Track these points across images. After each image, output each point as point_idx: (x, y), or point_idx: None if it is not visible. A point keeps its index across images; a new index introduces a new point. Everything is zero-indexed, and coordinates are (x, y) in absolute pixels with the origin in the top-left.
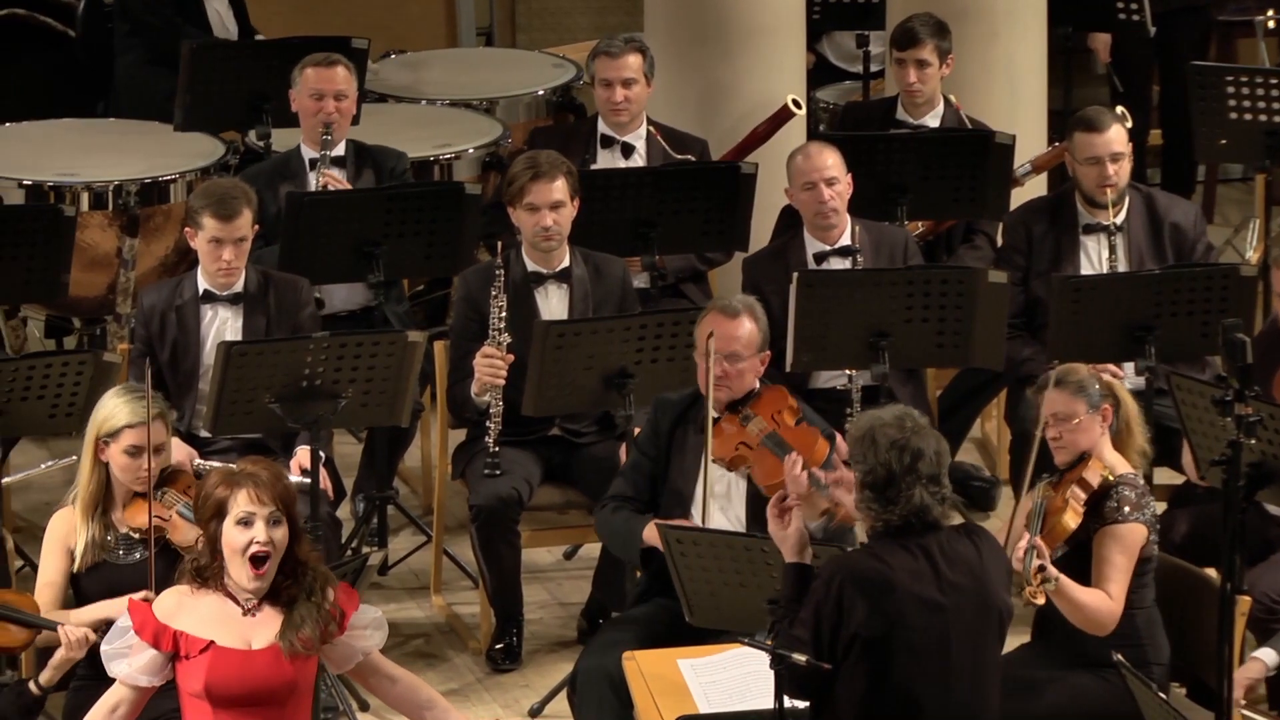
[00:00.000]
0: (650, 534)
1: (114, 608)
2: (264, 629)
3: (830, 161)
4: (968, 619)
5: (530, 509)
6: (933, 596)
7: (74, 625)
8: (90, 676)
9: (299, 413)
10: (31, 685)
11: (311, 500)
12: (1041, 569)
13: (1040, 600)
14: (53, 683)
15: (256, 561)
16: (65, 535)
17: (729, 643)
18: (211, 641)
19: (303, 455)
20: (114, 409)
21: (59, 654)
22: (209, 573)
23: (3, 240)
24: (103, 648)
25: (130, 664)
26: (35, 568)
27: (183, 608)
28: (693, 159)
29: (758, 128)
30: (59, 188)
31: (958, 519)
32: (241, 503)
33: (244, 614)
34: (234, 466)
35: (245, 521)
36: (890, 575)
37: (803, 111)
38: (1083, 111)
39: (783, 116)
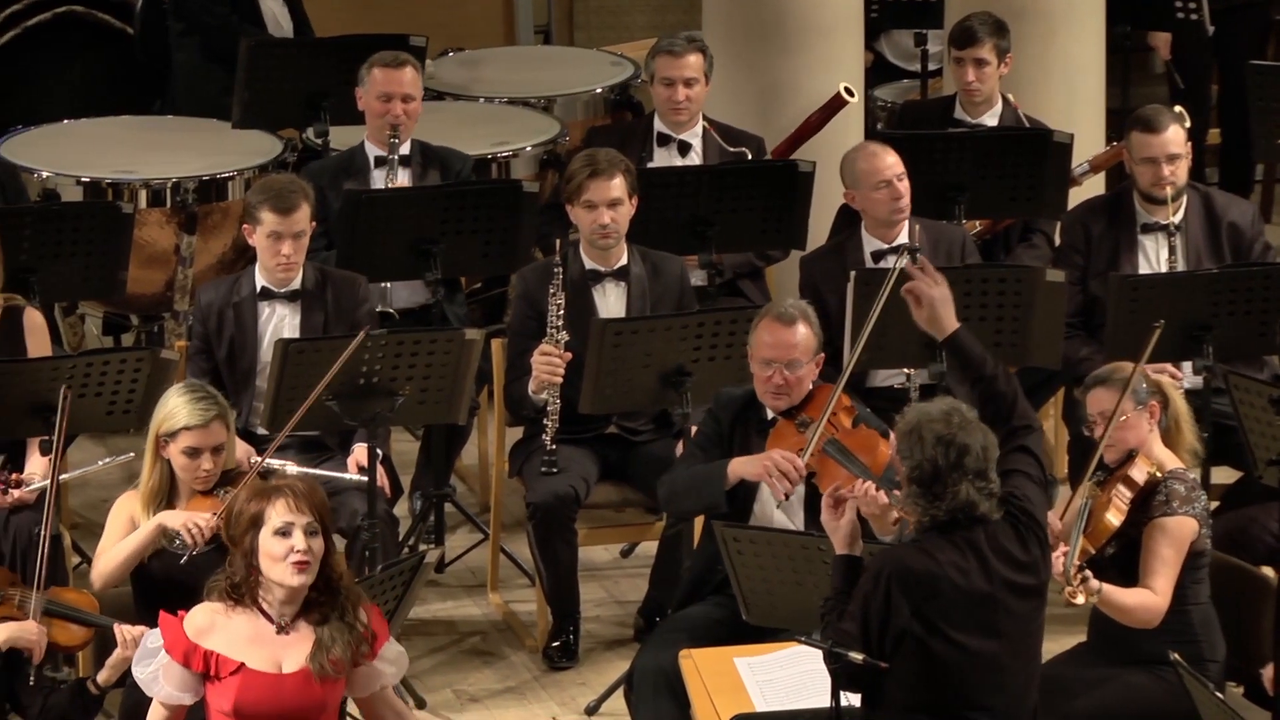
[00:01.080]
0: (737, 466)
1: (172, 518)
2: (295, 650)
3: (892, 159)
4: (1016, 612)
5: (587, 507)
6: (981, 590)
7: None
8: None
9: (356, 410)
10: (90, 684)
11: (369, 497)
12: (1085, 580)
13: (1079, 600)
14: (110, 681)
15: (298, 563)
16: (131, 511)
17: (786, 641)
18: (242, 664)
19: (360, 453)
20: (175, 408)
21: (116, 653)
22: (243, 589)
23: (61, 237)
24: (134, 670)
25: (166, 684)
26: (92, 564)
27: (215, 627)
28: (746, 152)
29: (811, 117)
30: (117, 185)
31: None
32: (280, 512)
33: (278, 632)
34: (266, 477)
35: (284, 532)
36: (938, 571)
37: (855, 99)
38: (1140, 110)
39: (836, 105)
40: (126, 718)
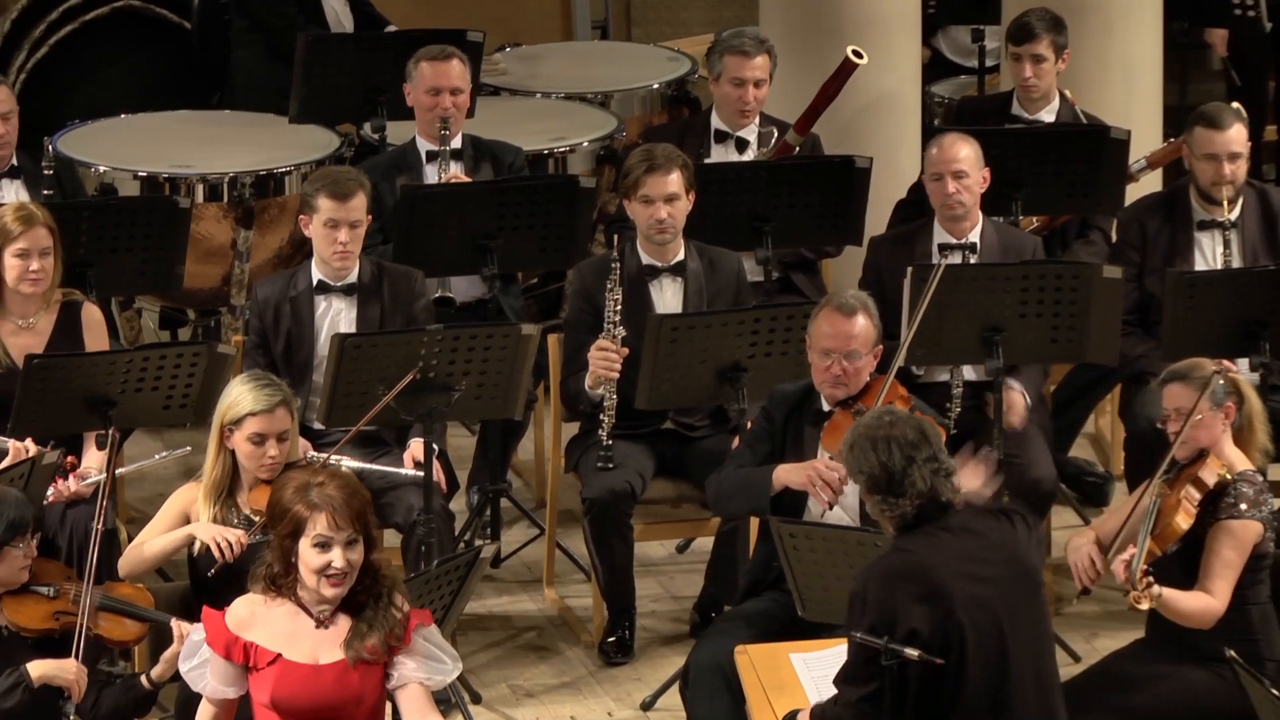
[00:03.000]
0: (782, 474)
1: (202, 530)
2: (333, 643)
3: (962, 154)
4: (1012, 588)
5: (643, 502)
6: (972, 571)
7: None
8: None
9: (413, 405)
10: (143, 679)
11: (425, 493)
12: (1149, 585)
13: (1143, 606)
14: (165, 677)
15: (333, 578)
16: (186, 505)
17: (841, 637)
18: (279, 655)
19: (416, 447)
20: (239, 395)
21: (171, 648)
22: (282, 583)
23: (118, 231)
24: (181, 667)
25: (211, 679)
26: (126, 550)
27: (255, 618)
28: (774, 130)
29: (825, 85)
30: (174, 179)
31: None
32: (320, 526)
33: (316, 626)
34: (310, 478)
35: (323, 545)
36: (923, 563)
37: (865, 61)
38: (1204, 107)
39: (847, 69)
40: (181, 711)
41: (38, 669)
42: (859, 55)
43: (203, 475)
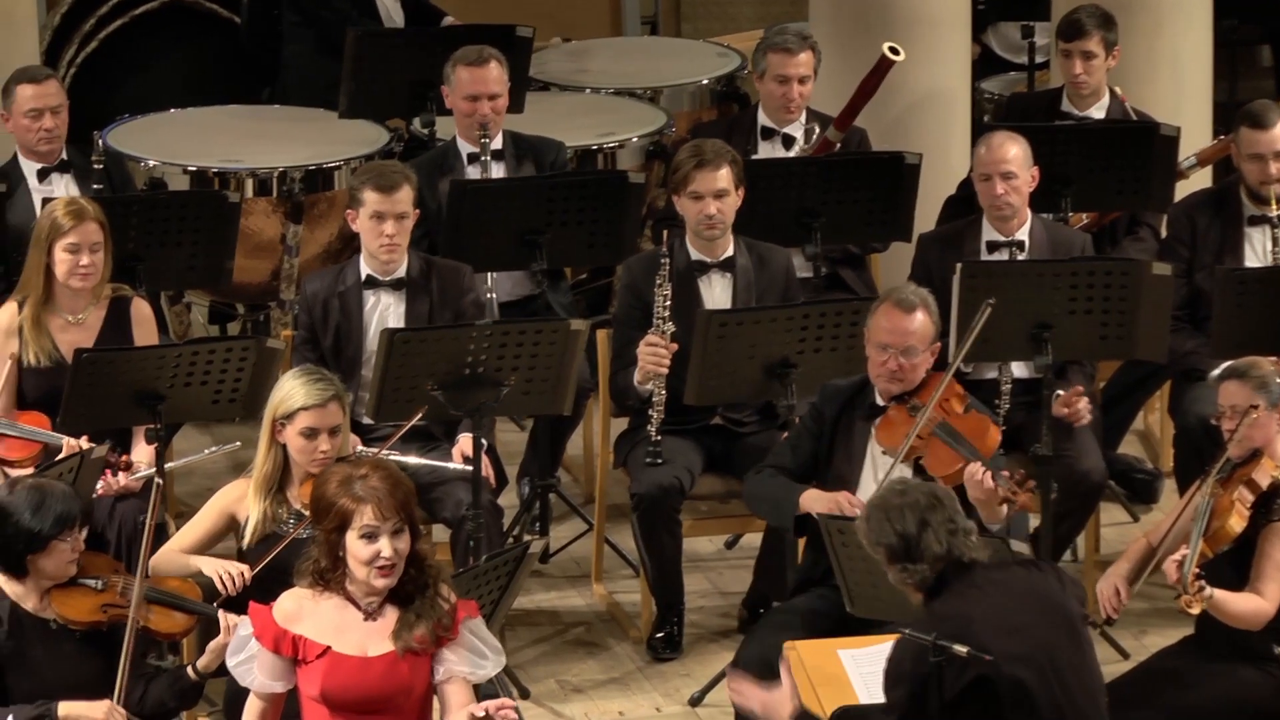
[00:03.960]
0: (808, 500)
1: (207, 565)
2: (382, 635)
3: (1011, 154)
4: (1051, 632)
5: (691, 498)
6: (1009, 623)
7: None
8: None
9: (461, 400)
10: (189, 670)
11: (474, 488)
12: (1201, 589)
13: (1195, 610)
14: (211, 668)
15: (383, 568)
16: (232, 503)
17: (890, 633)
18: (328, 647)
19: (465, 442)
20: (291, 390)
21: (218, 638)
22: (330, 577)
23: (168, 226)
24: (228, 662)
25: (259, 673)
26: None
27: (303, 611)
28: (815, 127)
29: (864, 82)
30: (224, 174)
31: (984, 553)
32: (366, 518)
33: (365, 618)
34: (352, 470)
35: (370, 536)
36: (961, 622)
37: (902, 57)
38: (1250, 106)
39: (884, 66)
40: (229, 707)
41: (66, 709)
42: (895, 52)
43: (253, 470)
